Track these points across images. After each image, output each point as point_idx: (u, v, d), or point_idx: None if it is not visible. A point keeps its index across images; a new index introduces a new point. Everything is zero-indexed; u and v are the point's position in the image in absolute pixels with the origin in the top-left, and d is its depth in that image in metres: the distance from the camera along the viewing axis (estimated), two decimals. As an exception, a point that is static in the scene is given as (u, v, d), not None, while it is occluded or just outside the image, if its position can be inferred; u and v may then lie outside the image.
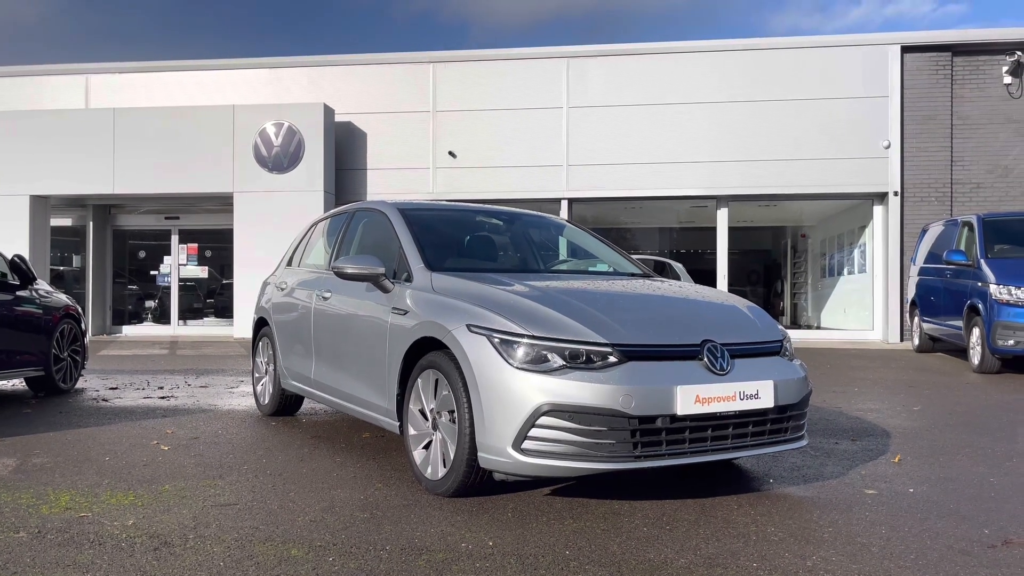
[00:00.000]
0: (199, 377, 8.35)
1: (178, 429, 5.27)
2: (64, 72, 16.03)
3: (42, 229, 15.11)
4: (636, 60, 14.70)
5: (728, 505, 3.47)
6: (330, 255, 5.23)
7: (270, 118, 14.47)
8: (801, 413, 3.71)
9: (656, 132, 14.48)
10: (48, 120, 14.85)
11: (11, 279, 6.67)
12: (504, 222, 5.21)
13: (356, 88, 15.25)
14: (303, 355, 5.17)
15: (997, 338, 8.44)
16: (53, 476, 3.95)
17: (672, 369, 3.35)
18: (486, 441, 3.32)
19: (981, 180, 13.89)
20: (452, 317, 3.60)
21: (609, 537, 3.04)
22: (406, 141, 15.05)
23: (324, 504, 3.46)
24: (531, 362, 3.29)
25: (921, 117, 13.91)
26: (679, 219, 18.28)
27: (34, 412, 6.02)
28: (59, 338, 7.00)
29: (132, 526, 3.14)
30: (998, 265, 8.85)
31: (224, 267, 15.96)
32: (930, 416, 5.93)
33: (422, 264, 4.16)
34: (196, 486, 3.76)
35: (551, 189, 14.69)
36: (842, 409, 6.18)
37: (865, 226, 14.87)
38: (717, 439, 3.40)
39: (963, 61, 13.99)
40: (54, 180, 14.71)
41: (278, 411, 5.75)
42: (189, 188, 14.66)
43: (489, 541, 2.99)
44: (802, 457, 4.40)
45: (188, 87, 15.71)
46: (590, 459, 3.21)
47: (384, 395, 4.08)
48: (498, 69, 14.95)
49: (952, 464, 4.30)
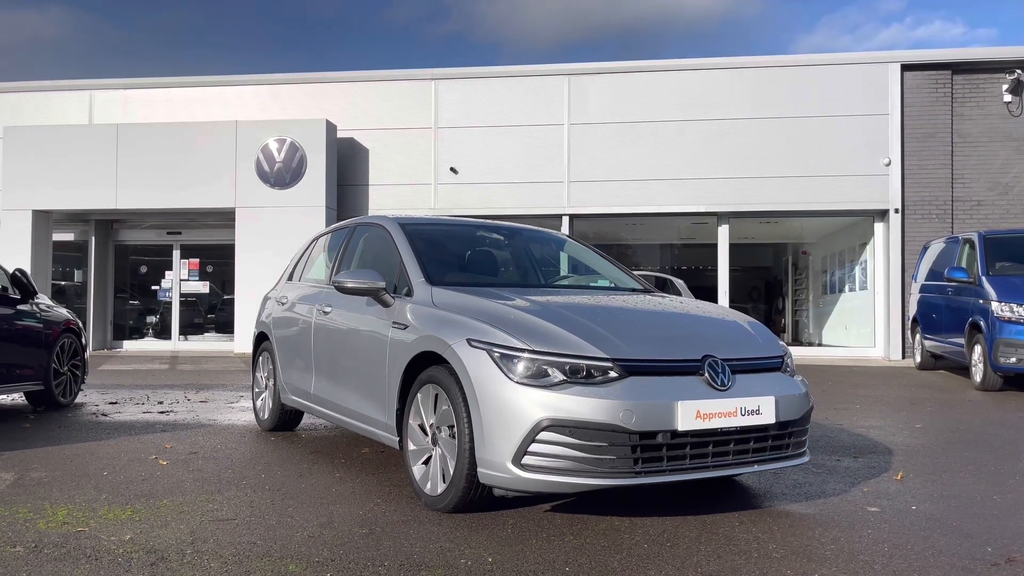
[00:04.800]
0: (199, 392, 8.33)
1: (177, 444, 5.25)
2: (69, 88, 16.14)
3: (44, 244, 15.15)
4: (637, 77, 14.78)
5: (729, 522, 3.45)
6: (331, 270, 5.23)
7: (272, 134, 14.54)
8: (803, 429, 3.69)
9: (657, 149, 14.53)
10: (52, 135, 14.93)
11: (12, 293, 6.68)
12: (505, 237, 5.21)
13: (358, 104, 15.33)
14: (303, 370, 5.16)
15: (999, 355, 8.42)
16: (51, 491, 3.93)
17: (673, 384, 3.34)
18: (486, 456, 3.30)
19: (982, 198, 13.92)
20: (452, 331, 3.59)
21: (609, 554, 3.02)
22: (408, 157, 15.12)
23: (323, 519, 3.44)
24: (531, 377, 3.28)
25: (921, 135, 13.96)
26: (680, 235, 18.30)
27: (33, 427, 6.00)
28: (59, 352, 6.99)
29: (129, 541, 3.12)
30: (1000, 282, 8.84)
31: (225, 282, 15.98)
32: (932, 433, 5.91)
33: (422, 278, 4.16)
34: (194, 501, 3.74)
35: (552, 205, 14.72)
36: (844, 426, 6.15)
37: (866, 243, 14.89)
38: (718, 455, 3.38)
39: (963, 79, 14.05)
40: (57, 195, 14.78)
41: (278, 426, 5.73)
42: (191, 203, 14.71)
43: (488, 557, 2.97)
44: (804, 474, 4.37)
45: (191, 103, 15.79)
46: (590, 475, 3.19)
47: (384, 410, 4.07)
48: (499, 86, 15.03)
49: (955, 482, 4.28)
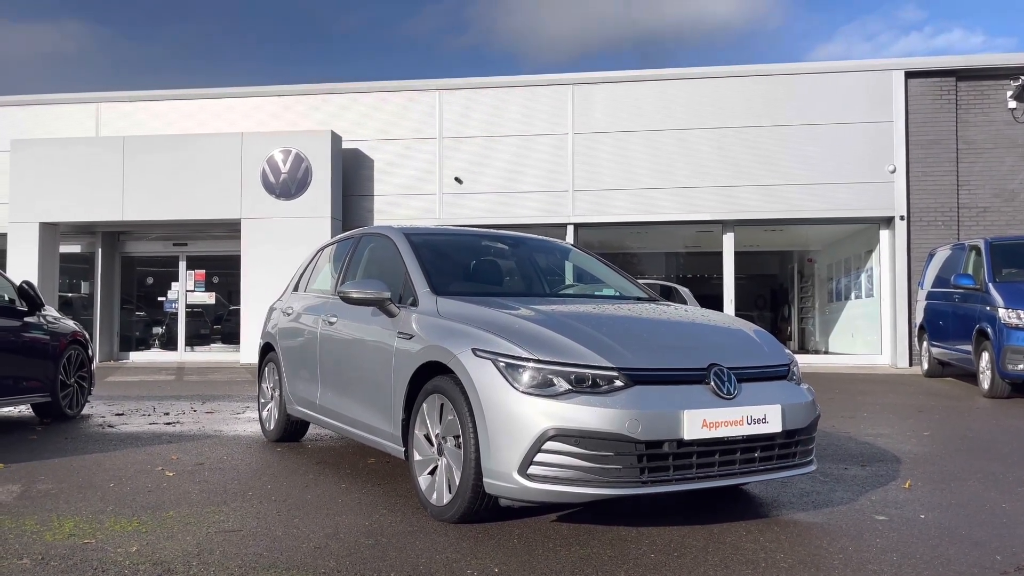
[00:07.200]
0: (205, 403, 8.34)
1: (183, 455, 5.25)
2: (75, 101, 16.22)
3: (51, 256, 15.20)
4: (640, 86, 14.80)
5: (736, 531, 3.43)
6: (336, 280, 5.23)
7: (278, 145, 14.59)
8: (809, 438, 3.68)
9: (661, 157, 14.53)
10: (59, 148, 15.00)
11: (19, 305, 6.71)
12: (509, 246, 5.21)
13: (363, 115, 15.37)
14: (309, 380, 5.16)
15: (1007, 362, 8.39)
16: (57, 502, 3.94)
17: (679, 393, 3.33)
18: (491, 466, 3.30)
19: (987, 204, 13.88)
20: (458, 341, 3.59)
21: (616, 564, 3.01)
22: (413, 167, 15.15)
23: (328, 530, 3.44)
24: (537, 386, 3.27)
25: (926, 142, 13.94)
26: (685, 244, 18.27)
27: (40, 438, 6.01)
28: (66, 364, 7.01)
29: (136, 553, 3.12)
30: (1007, 289, 8.81)
31: (231, 293, 16.01)
32: (940, 441, 5.87)
33: (428, 288, 4.16)
34: (200, 512, 3.74)
35: (557, 214, 14.73)
36: (851, 434, 6.13)
37: (872, 250, 14.85)
38: (725, 464, 3.37)
39: (967, 86, 14.04)
40: (64, 207, 14.84)
41: (283, 437, 5.73)
42: (197, 215, 14.76)
43: (495, 568, 2.96)
44: (811, 483, 4.35)
45: (197, 115, 15.87)
46: (596, 484, 3.18)
47: (389, 420, 4.06)
48: (504, 96, 15.07)
49: (963, 490, 4.25)
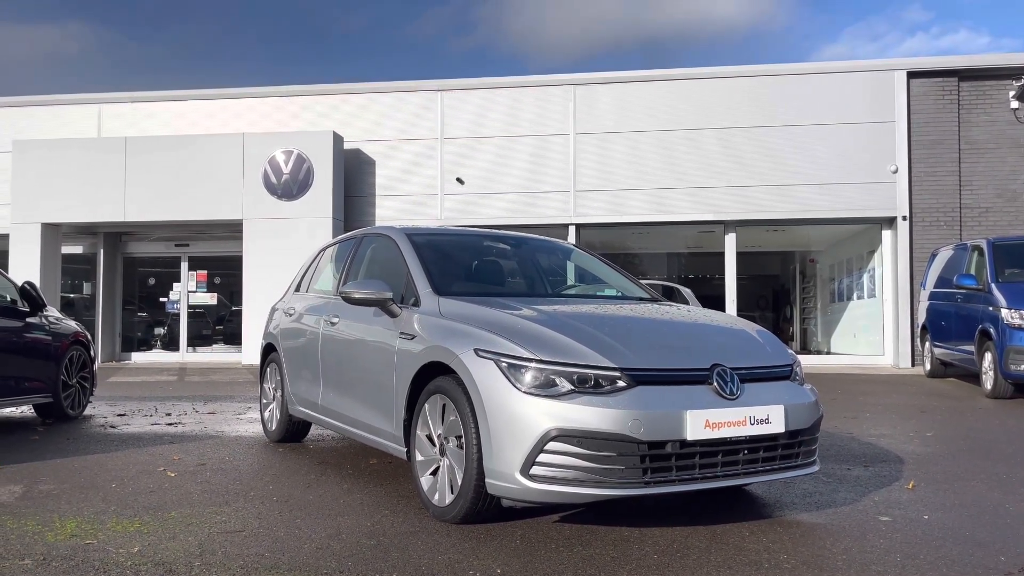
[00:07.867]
0: (207, 404, 8.34)
1: (185, 456, 5.25)
2: (78, 102, 16.25)
3: (53, 256, 15.22)
4: (643, 86, 14.80)
5: (739, 532, 3.42)
6: (338, 280, 5.22)
7: (280, 146, 14.60)
8: (812, 438, 3.67)
9: (663, 158, 14.53)
10: (61, 148, 15.01)
11: (21, 306, 6.71)
12: (511, 247, 5.20)
13: (365, 115, 15.38)
14: (310, 381, 5.16)
15: (1010, 363, 8.37)
16: (59, 503, 3.94)
17: (681, 394, 3.32)
18: (494, 467, 3.29)
19: (990, 204, 13.86)
20: (460, 341, 3.59)
21: (619, 565, 3.00)
22: (414, 168, 15.15)
23: (330, 531, 3.43)
24: (539, 387, 3.27)
25: (928, 142, 13.92)
26: (687, 244, 18.27)
27: (42, 439, 6.01)
28: (68, 365, 7.01)
29: (137, 553, 3.12)
30: (1009, 289, 8.79)
31: (233, 294, 16.02)
32: (943, 442, 5.86)
33: (430, 289, 4.16)
34: (202, 513, 3.74)
35: (559, 215, 14.73)
36: (854, 435, 6.12)
37: (874, 251, 14.83)
38: (728, 465, 3.36)
39: (969, 86, 14.02)
40: (66, 208, 14.86)
41: (285, 437, 5.73)
42: (199, 215, 14.77)
43: (497, 568, 2.95)
44: (814, 483, 4.34)
45: (199, 115, 15.88)
46: (599, 485, 3.17)
47: (391, 421, 4.06)
48: (506, 96, 15.07)
49: (967, 490, 4.24)
